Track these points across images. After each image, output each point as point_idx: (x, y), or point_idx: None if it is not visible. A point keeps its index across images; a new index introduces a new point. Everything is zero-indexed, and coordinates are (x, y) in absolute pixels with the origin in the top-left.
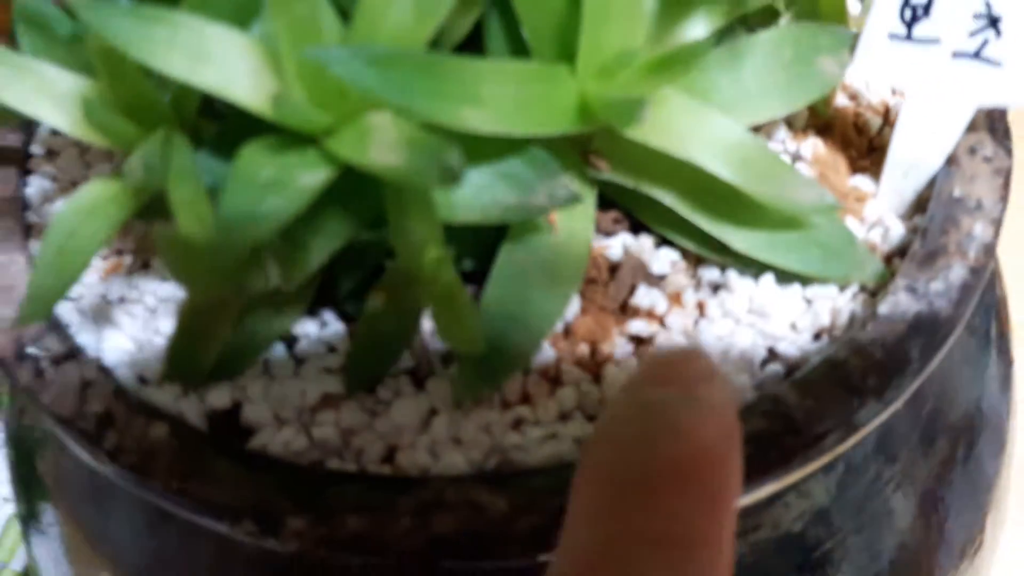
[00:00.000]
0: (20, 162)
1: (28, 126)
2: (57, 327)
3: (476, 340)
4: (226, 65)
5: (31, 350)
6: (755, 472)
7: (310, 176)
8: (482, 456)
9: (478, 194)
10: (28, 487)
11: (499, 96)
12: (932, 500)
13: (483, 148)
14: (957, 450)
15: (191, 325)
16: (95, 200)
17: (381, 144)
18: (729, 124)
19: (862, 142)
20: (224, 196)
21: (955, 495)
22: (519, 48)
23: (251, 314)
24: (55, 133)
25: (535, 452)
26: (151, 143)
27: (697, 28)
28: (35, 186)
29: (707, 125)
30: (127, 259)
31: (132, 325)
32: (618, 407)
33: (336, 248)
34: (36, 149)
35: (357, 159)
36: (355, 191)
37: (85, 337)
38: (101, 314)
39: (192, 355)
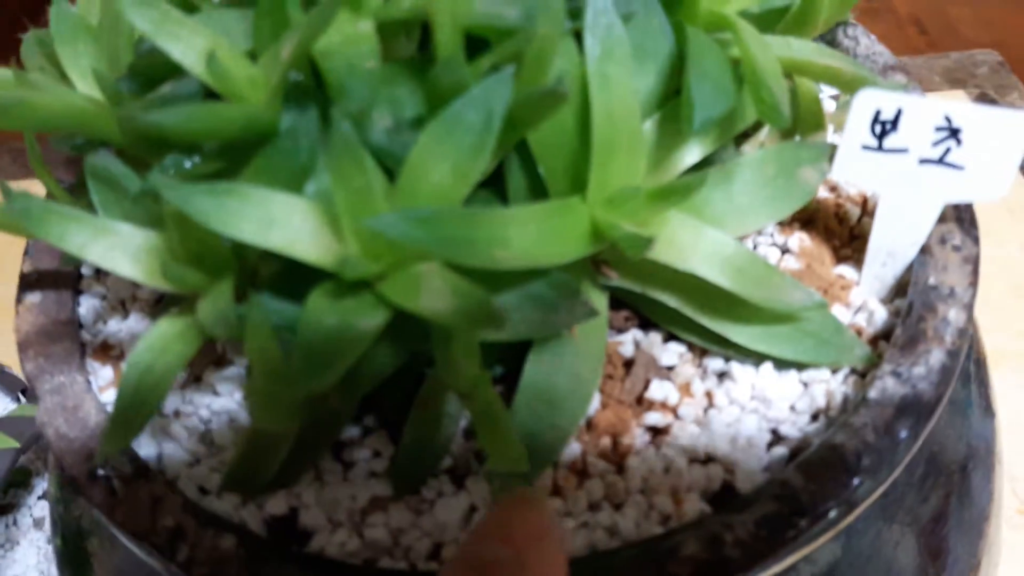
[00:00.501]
0: (73, 284)
1: None
2: (125, 448)
3: (518, 456)
4: (290, 228)
5: (102, 471)
6: (770, 550)
7: (368, 321)
8: None
9: (509, 315)
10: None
11: (523, 235)
12: (935, 540)
13: (512, 275)
14: (952, 489)
15: (254, 446)
16: (166, 338)
17: (430, 291)
18: (724, 238)
19: (843, 231)
20: (298, 346)
21: (953, 526)
22: (535, 182)
23: (307, 429)
24: None
25: (570, 541)
26: (221, 293)
27: (692, 154)
28: (86, 306)
29: (704, 240)
30: (180, 375)
31: (189, 439)
32: (455, 567)
33: (386, 373)
34: (86, 270)
35: (409, 305)
36: (404, 326)
37: (145, 451)
38: (159, 428)
39: (254, 470)
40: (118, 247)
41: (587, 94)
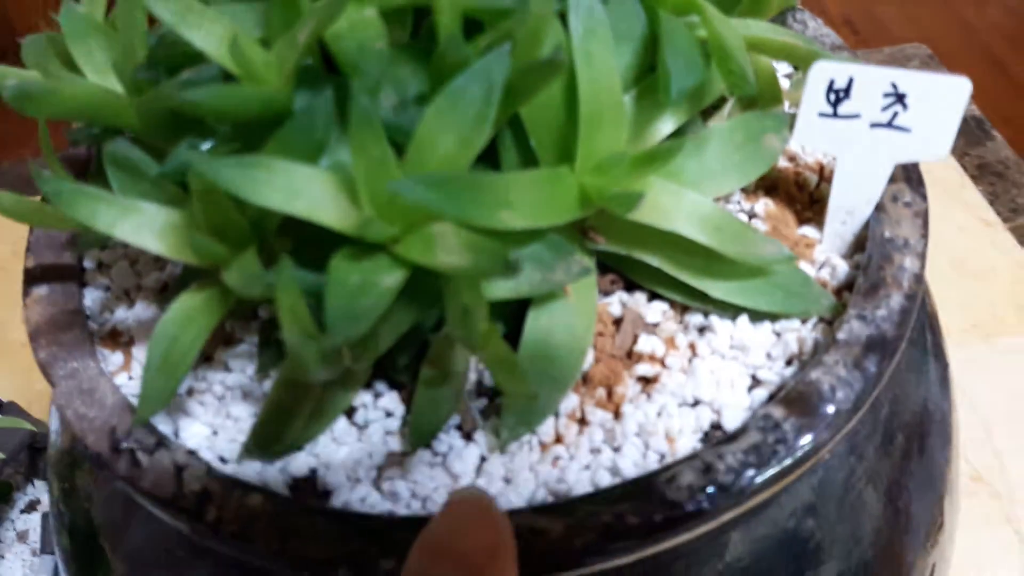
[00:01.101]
0: (77, 277)
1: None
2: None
3: (532, 393)
4: (312, 196)
5: (125, 444)
6: (759, 474)
7: (390, 278)
8: (531, 491)
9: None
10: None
11: (523, 199)
12: (897, 490)
13: (512, 236)
14: (912, 445)
15: (277, 409)
16: (189, 310)
17: (445, 248)
18: (702, 200)
19: (804, 196)
20: (327, 301)
21: (915, 484)
22: (526, 155)
23: (325, 392)
24: (103, 248)
25: (575, 482)
26: (248, 259)
27: (666, 125)
28: (90, 297)
29: (684, 202)
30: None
31: (205, 413)
32: None
33: (401, 333)
34: (88, 263)
35: (426, 261)
36: (418, 287)
37: (163, 428)
38: (175, 405)
39: (277, 432)
40: (144, 225)
41: (573, 71)
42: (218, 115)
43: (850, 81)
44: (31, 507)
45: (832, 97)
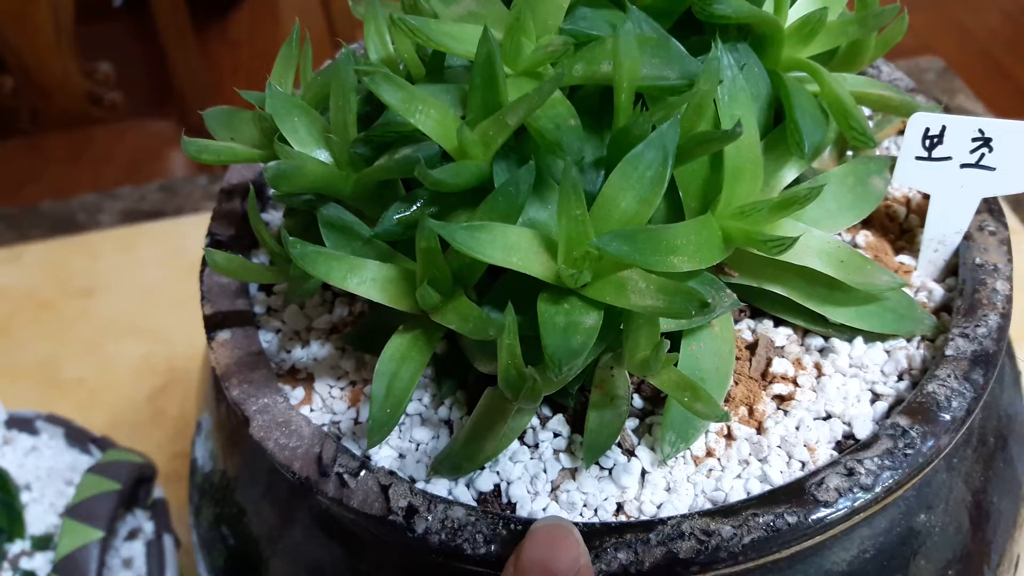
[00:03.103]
0: (252, 321)
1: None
2: (342, 448)
3: (717, 405)
4: (523, 251)
5: (335, 468)
6: (893, 475)
7: (589, 319)
8: (691, 498)
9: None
10: None
11: (686, 244)
12: (988, 487)
13: (677, 278)
14: (998, 446)
15: (478, 429)
16: (404, 349)
17: (636, 291)
18: (827, 236)
19: (895, 227)
20: (544, 339)
21: (1001, 481)
22: (670, 203)
23: (514, 417)
24: (269, 294)
25: (730, 490)
26: (465, 306)
27: (791, 173)
28: (264, 338)
29: (812, 239)
30: (367, 388)
31: (391, 438)
32: None
33: (589, 363)
34: (258, 308)
35: (620, 303)
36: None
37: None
38: (361, 433)
39: (475, 451)
40: (368, 279)
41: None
42: (440, 187)
43: (943, 129)
44: (133, 535)
45: (927, 143)
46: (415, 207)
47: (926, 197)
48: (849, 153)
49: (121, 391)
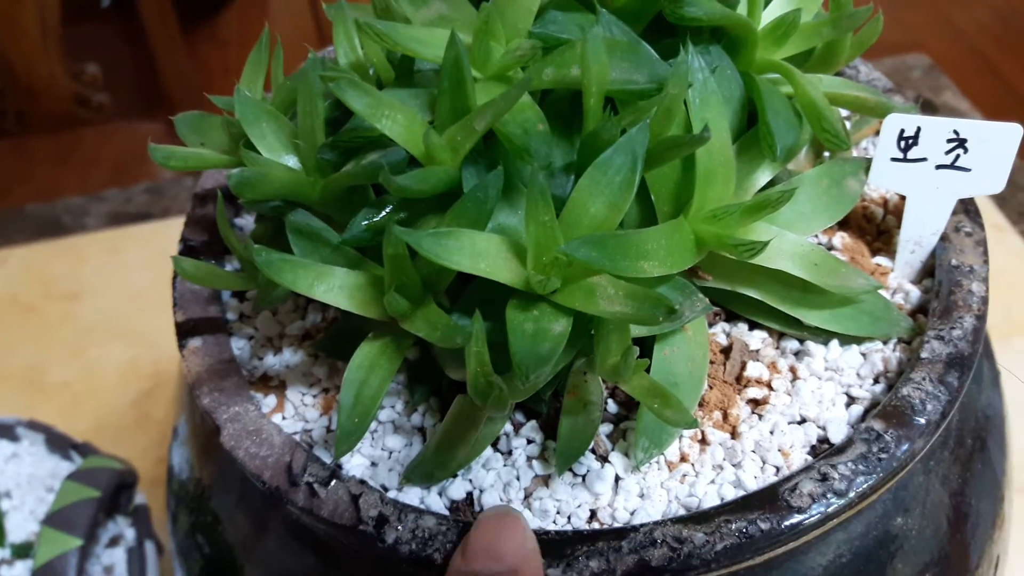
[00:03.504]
0: (224, 328)
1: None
2: (313, 457)
3: (687, 412)
4: (491, 258)
5: (302, 478)
6: (866, 480)
7: (558, 325)
8: (665, 504)
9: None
10: None
11: (657, 249)
12: (966, 489)
13: (647, 284)
14: (976, 448)
15: (449, 436)
16: (373, 357)
17: (605, 298)
18: (800, 239)
19: (872, 228)
20: (512, 346)
21: (980, 483)
22: (643, 207)
23: (485, 424)
24: (242, 300)
25: (703, 496)
26: (434, 313)
27: (764, 176)
28: (236, 345)
29: (786, 242)
30: (340, 395)
31: (363, 446)
32: None
33: (558, 370)
34: (230, 315)
35: (589, 310)
36: (572, 330)
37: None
38: (334, 441)
39: (447, 459)
40: (336, 287)
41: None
42: (404, 192)
43: (918, 130)
44: (114, 542)
45: (902, 144)
46: (384, 213)
47: (903, 198)
48: (826, 154)
49: (106, 395)
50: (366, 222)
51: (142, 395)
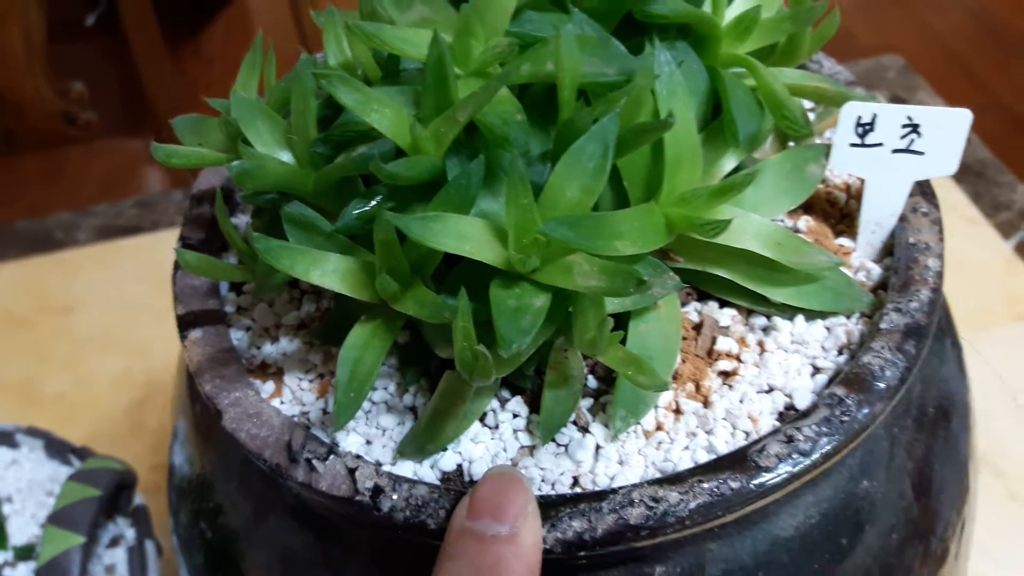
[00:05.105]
0: (223, 320)
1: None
2: (311, 436)
3: (659, 376)
4: (475, 240)
5: (301, 455)
6: (830, 441)
7: (539, 301)
8: (643, 469)
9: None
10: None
11: (630, 230)
12: (930, 457)
13: (621, 262)
14: (939, 419)
15: (438, 411)
16: (366, 337)
17: (582, 274)
18: (764, 220)
19: (836, 212)
20: (496, 321)
21: (944, 451)
22: (616, 193)
23: (473, 399)
24: (239, 294)
25: (678, 460)
26: (423, 293)
27: (730, 162)
28: (235, 336)
29: (751, 223)
30: (335, 379)
31: (358, 426)
32: (458, 541)
33: (539, 344)
34: (228, 307)
35: (567, 285)
36: (552, 307)
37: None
38: (330, 422)
39: (436, 433)
40: (330, 271)
41: None
42: (394, 179)
43: (874, 116)
44: (115, 542)
45: (860, 130)
46: (373, 202)
47: (864, 182)
48: (791, 144)
49: (100, 405)
50: (357, 211)
51: (135, 404)
